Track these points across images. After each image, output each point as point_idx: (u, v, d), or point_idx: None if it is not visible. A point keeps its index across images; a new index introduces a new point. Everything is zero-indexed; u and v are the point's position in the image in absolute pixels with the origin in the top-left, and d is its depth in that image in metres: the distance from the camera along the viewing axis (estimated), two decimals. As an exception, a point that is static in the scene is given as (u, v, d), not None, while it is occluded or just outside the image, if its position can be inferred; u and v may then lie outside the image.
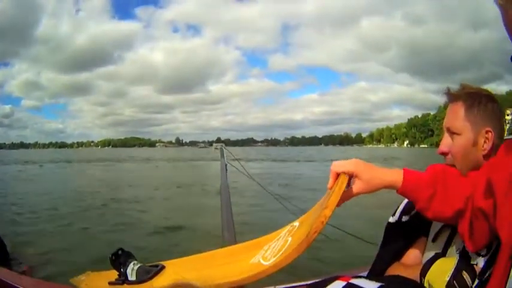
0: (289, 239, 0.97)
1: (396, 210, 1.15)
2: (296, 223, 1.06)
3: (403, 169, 0.93)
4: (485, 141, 0.98)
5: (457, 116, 0.99)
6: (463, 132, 0.98)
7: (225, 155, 3.48)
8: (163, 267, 1.31)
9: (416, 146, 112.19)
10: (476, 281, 0.82)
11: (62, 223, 6.88)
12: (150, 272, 1.25)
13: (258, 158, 39.30)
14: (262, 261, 0.99)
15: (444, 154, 1.02)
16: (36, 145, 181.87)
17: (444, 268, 0.85)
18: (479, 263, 0.85)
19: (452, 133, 1.00)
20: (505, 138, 0.96)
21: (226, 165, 3.16)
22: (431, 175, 0.91)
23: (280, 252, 0.93)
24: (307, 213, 1.05)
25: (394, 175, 0.92)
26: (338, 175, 0.93)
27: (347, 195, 0.90)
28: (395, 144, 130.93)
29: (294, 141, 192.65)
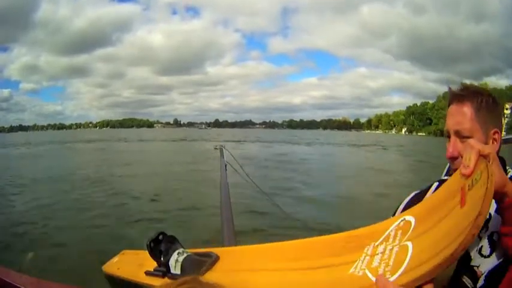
0: (409, 245, 0.71)
1: (396, 210, 1.15)
2: (410, 217, 0.79)
3: None
4: (493, 142, 0.98)
5: (466, 118, 0.97)
6: (474, 135, 0.96)
7: (224, 155, 3.40)
8: (217, 258, 1.14)
9: (414, 133, 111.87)
10: (481, 282, 0.78)
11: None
12: (202, 264, 1.08)
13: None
14: (370, 275, 0.71)
15: (454, 159, 0.99)
16: (34, 127, 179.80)
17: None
18: (482, 264, 0.82)
19: (462, 136, 0.97)
20: (503, 138, 1.01)
21: (225, 165, 3.08)
22: None
23: (401, 269, 0.67)
24: (426, 204, 0.80)
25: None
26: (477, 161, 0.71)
27: None
28: (393, 131, 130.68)
29: (292, 125, 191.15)
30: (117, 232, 4.75)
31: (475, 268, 0.82)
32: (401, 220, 0.81)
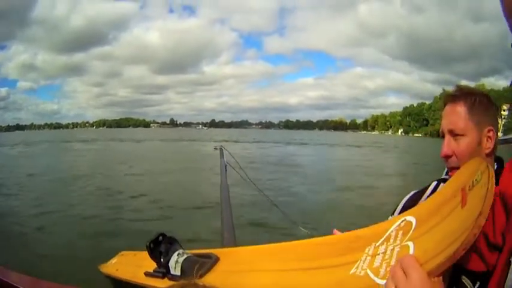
0: (410, 245, 0.70)
1: (395, 208, 1.16)
2: (411, 218, 0.77)
3: None
4: (487, 140, 1.00)
5: (460, 117, 1.00)
6: (467, 133, 0.99)
7: (224, 156, 3.38)
8: (217, 259, 1.13)
9: (410, 134, 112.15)
10: (478, 283, 0.78)
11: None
12: (202, 265, 1.07)
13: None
14: (372, 275, 0.70)
15: (448, 157, 1.02)
16: (31, 126, 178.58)
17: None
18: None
19: (456, 135, 1.00)
20: (499, 138, 1.04)
21: (225, 166, 3.07)
22: None
23: None
24: (427, 205, 0.80)
25: None
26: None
27: None
28: (390, 132, 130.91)
29: (288, 125, 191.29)
30: (115, 232, 4.72)
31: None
32: (402, 221, 0.79)
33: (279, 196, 6.66)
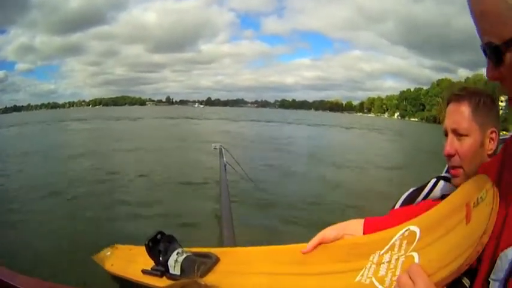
0: (415, 256, 0.71)
1: (394, 205, 1.17)
2: (414, 228, 0.78)
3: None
4: (490, 142, 1.01)
5: (464, 117, 1.00)
6: (471, 134, 1.00)
7: (224, 156, 3.37)
8: (217, 260, 1.11)
9: (406, 118, 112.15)
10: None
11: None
12: (201, 265, 1.06)
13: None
14: (378, 284, 0.70)
15: (451, 156, 1.02)
16: (28, 107, 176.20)
17: None
18: None
19: (459, 135, 1.01)
20: (501, 137, 1.03)
21: (225, 165, 3.06)
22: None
23: None
24: (431, 216, 0.80)
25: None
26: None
27: None
28: (386, 115, 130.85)
29: (284, 104, 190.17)
30: (108, 222, 4.68)
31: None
32: (406, 230, 0.79)
33: (278, 191, 6.57)
